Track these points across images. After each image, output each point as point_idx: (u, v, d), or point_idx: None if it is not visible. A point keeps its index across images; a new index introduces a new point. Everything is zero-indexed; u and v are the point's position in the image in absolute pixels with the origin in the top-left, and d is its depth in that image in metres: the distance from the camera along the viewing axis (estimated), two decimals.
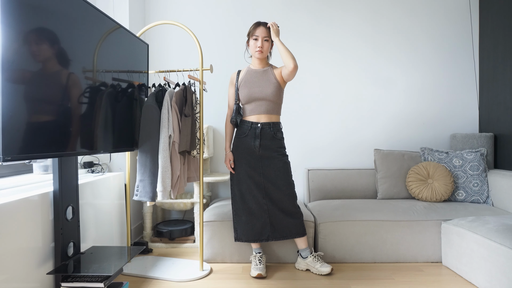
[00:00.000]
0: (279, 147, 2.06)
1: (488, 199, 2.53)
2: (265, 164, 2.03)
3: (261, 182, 2.03)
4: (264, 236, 2.04)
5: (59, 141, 1.35)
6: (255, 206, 2.03)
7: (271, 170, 2.03)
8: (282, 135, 2.09)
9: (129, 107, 1.96)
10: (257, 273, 1.98)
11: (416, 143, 3.04)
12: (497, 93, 2.78)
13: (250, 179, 2.03)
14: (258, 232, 2.04)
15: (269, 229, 2.04)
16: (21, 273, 1.41)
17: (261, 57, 2.04)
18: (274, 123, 2.05)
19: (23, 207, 1.42)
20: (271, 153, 2.03)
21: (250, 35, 2.03)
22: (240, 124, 2.08)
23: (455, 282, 1.92)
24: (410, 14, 3.03)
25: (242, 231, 2.06)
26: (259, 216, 2.03)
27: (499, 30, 2.75)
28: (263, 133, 2.03)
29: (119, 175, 2.34)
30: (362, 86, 3.05)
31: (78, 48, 1.46)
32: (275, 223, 2.04)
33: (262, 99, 2.02)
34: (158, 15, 3.06)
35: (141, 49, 2.13)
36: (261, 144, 2.02)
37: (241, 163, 2.05)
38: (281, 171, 2.03)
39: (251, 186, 2.03)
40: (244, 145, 2.05)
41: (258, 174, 2.03)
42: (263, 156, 2.03)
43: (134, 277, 2.03)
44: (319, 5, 3.03)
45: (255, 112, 2.04)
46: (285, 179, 2.03)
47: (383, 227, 2.21)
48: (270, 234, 2.04)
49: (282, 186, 2.02)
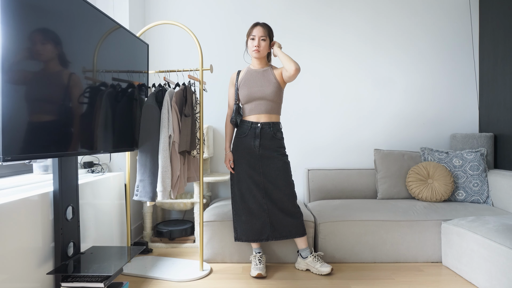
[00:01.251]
0: (279, 147, 2.06)
1: (488, 199, 2.53)
2: (265, 163, 2.03)
3: (261, 182, 2.03)
4: (264, 236, 2.04)
5: (59, 141, 1.35)
6: (255, 206, 2.03)
7: (271, 170, 2.03)
8: (282, 135, 2.09)
9: (129, 107, 1.96)
10: (257, 272, 1.98)
11: (416, 143, 3.04)
12: (497, 93, 2.78)
13: (250, 179, 2.03)
14: (258, 231, 2.04)
15: (269, 229, 2.04)
16: (21, 273, 1.41)
17: (258, 56, 2.04)
18: (274, 123, 2.05)
19: (23, 207, 1.42)
20: (271, 152, 2.03)
21: (248, 35, 2.04)
22: (240, 124, 2.08)
23: (455, 282, 1.92)
24: (410, 14, 3.03)
25: (242, 230, 2.06)
26: (259, 216, 2.03)
27: (499, 30, 2.75)
28: (263, 133, 2.03)
29: (119, 175, 2.34)
30: (362, 86, 3.05)
31: (78, 48, 1.46)
32: (275, 223, 2.04)
33: (262, 99, 2.02)
34: (158, 15, 3.06)
35: (141, 49, 2.13)
36: (261, 143, 2.03)
37: (241, 163, 2.05)
38: (281, 171, 2.03)
39: (251, 186, 2.03)
40: (244, 144, 2.05)
41: (258, 173, 2.03)
42: (263, 156, 2.03)
43: (134, 277, 2.03)
44: (319, 5, 3.03)
45: (255, 112, 2.04)
46: (285, 179, 2.03)
47: (383, 227, 2.21)
48: (270, 233, 2.04)
49: (282, 186, 2.02)
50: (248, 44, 2.06)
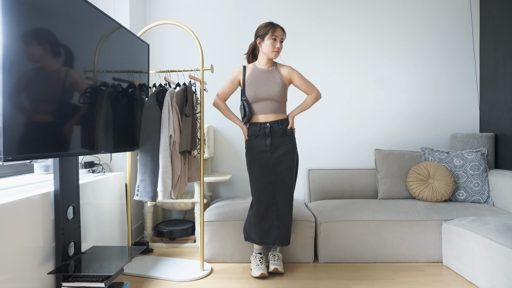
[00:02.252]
0: (290, 143, 2.05)
1: (489, 199, 2.53)
2: (275, 162, 2.02)
3: (272, 183, 2.02)
4: (271, 239, 2.04)
5: (60, 141, 1.35)
6: (265, 208, 2.02)
7: (282, 169, 2.02)
8: (291, 131, 2.09)
9: (129, 107, 1.96)
10: (260, 272, 1.98)
11: (416, 143, 3.04)
12: (498, 92, 2.78)
13: (262, 180, 2.03)
14: (265, 234, 2.04)
15: (275, 233, 2.03)
16: (22, 273, 1.41)
17: (276, 58, 2.04)
18: (282, 120, 2.06)
19: (24, 207, 1.42)
20: (283, 149, 2.03)
21: (268, 35, 1.98)
22: (249, 126, 2.08)
23: (455, 282, 1.92)
24: (411, 14, 3.03)
25: (251, 231, 2.07)
26: (268, 218, 2.03)
27: (500, 30, 2.75)
28: (273, 131, 2.04)
29: (119, 175, 2.35)
30: (363, 86, 3.05)
31: (79, 48, 1.46)
32: (281, 227, 2.03)
33: (268, 99, 2.03)
34: (158, 15, 3.06)
35: (142, 49, 2.13)
36: (272, 142, 2.03)
37: (254, 164, 2.05)
38: (289, 172, 2.03)
39: (262, 187, 2.03)
40: (256, 145, 2.05)
41: (270, 173, 2.03)
42: (275, 155, 2.03)
43: (135, 277, 2.03)
44: (320, 5, 3.03)
45: (263, 112, 2.05)
46: (291, 179, 2.04)
47: (383, 227, 2.21)
48: (277, 238, 2.03)
49: (287, 188, 2.02)
50: (265, 43, 2.00)
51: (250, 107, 2.06)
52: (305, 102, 2.12)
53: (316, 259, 2.29)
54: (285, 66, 2.09)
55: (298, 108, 2.13)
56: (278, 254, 2.09)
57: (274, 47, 1.99)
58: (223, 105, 2.16)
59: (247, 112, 2.04)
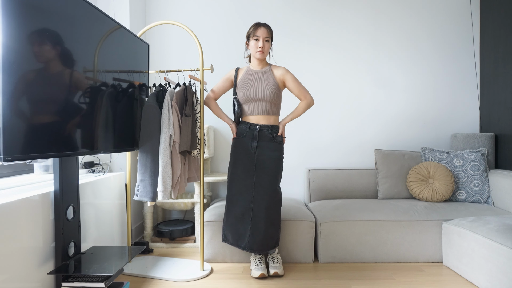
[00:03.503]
0: (276, 150, 2.04)
1: (489, 199, 2.53)
2: (259, 166, 2.02)
3: (252, 186, 2.01)
4: (242, 244, 2.02)
5: (60, 141, 1.35)
6: (241, 211, 2.02)
7: (264, 174, 2.01)
8: (280, 138, 2.08)
9: (129, 107, 1.96)
10: (260, 273, 1.97)
11: (416, 143, 3.04)
12: (498, 93, 2.78)
13: (242, 182, 2.02)
14: (239, 237, 2.03)
15: (248, 238, 1.99)
16: (22, 273, 1.41)
17: (262, 57, 2.04)
18: (272, 126, 2.05)
19: (24, 207, 1.42)
20: (268, 154, 2.02)
21: (251, 36, 2.03)
22: (239, 124, 2.09)
23: (455, 282, 1.92)
24: (411, 14, 3.03)
25: (228, 232, 2.08)
26: (243, 222, 2.02)
27: (500, 30, 2.75)
28: (261, 135, 2.03)
29: (119, 175, 2.34)
30: (363, 86, 3.04)
31: (79, 48, 1.46)
32: (255, 233, 1.98)
33: (260, 100, 2.02)
34: (158, 15, 3.06)
35: (142, 49, 2.13)
36: (258, 145, 2.03)
37: (237, 165, 2.05)
38: (272, 176, 2.01)
39: (241, 189, 2.02)
40: (242, 145, 2.05)
41: (251, 176, 2.02)
42: (259, 158, 2.02)
43: (135, 277, 2.03)
44: (319, 5, 3.03)
45: (254, 113, 2.04)
46: (275, 183, 2.02)
47: (383, 227, 2.21)
48: (247, 243, 1.99)
49: (271, 192, 2.00)
50: (250, 44, 2.05)
51: (240, 107, 2.07)
52: (297, 109, 2.10)
53: (316, 259, 2.29)
54: (280, 67, 2.09)
55: (290, 115, 2.12)
56: (277, 256, 2.08)
57: (257, 47, 2.01)
58: (214, 102, 2.19)
59: (237, 110, 2.07)
